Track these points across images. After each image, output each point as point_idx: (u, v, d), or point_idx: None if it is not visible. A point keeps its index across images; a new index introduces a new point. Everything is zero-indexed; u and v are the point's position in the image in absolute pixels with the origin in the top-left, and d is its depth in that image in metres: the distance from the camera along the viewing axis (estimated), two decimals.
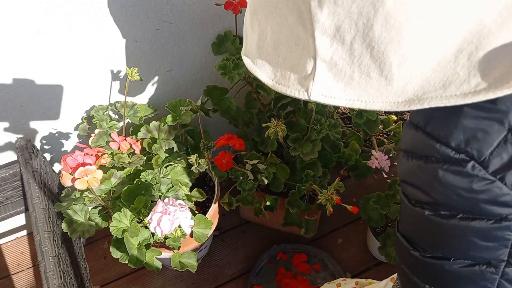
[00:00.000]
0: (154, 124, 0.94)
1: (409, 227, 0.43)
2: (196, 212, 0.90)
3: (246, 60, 0.43)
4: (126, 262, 0.79)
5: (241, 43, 0.93)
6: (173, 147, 0.94)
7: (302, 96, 0.37)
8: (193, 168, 0.87)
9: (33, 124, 0.92)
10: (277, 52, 0.38)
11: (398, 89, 0.33)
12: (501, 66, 0.30)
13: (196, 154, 0.88)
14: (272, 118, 0.87)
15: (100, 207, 0.88)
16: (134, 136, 0.93)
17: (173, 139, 0.94)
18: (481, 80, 0.30)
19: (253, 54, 0.42)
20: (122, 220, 0.79)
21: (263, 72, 0.41)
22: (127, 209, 0.80)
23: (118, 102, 0.96)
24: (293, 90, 0.38)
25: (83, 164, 0.71)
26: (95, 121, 0.91)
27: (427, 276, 0.42)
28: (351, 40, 0.32)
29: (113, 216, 0.78)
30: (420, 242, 0.41)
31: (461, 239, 0.37)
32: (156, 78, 0.97)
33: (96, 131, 0.90)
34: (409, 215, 0.42)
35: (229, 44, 0.93)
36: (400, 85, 0.33)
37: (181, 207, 0.75)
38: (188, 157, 0.88)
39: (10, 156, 0.98)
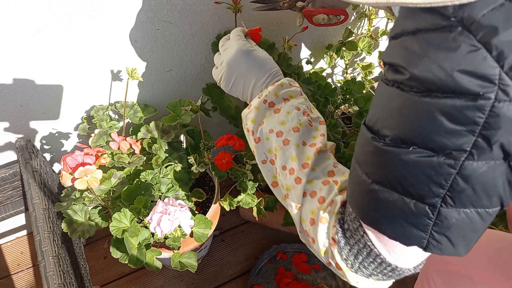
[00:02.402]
0: (154, 124, 0.94)
1: (378, 112, 0.41)
2: (196, 212, 0.90)
3: None
4: (126, 262, 0.79)
5: None
6: (173, 147, 0.94)
7: None
8: (193, 168, 0.87)
9: (33, 124, 0.92)
10: None
11: None
12: None
13: (196, 154, 0.88)
14: None
15: (100, 207, 0.88)
16: (134, 136, 0.93)
17: (173, 139, 0.94)
18: None
19: None
20: (122, 220, 0.79)
21: None
22: (127, 209, 0.80)
23: (118, 102, 0.97)
24: None
25: (83, 164, 0.71)
26: (95, 121, 0.91)
27: (378, 169, 0.40)
28: None
29: (113, 216, 0.78)
30: (384, 127, 0.40)
31: (428, 118, 0.35)
32: (156, 78, 0.97)
33: (96, 131, 0.90)
34: (382, 97, 0.41)
35: None
36: None
37: (181, 207, 0.75)
38: (188, 157, 0.88)
39: (10, 156, 0.98)
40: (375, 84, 1.35)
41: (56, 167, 1.07)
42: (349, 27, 1.12)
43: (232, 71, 0.68)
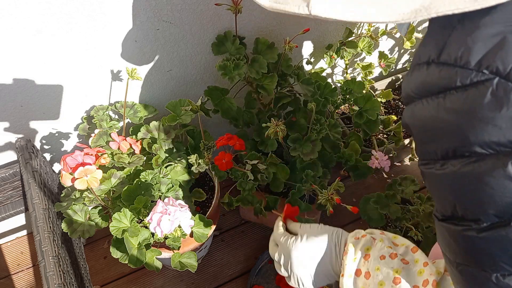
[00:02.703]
0: (154, 124, 0.94)
1: (448, 201, 0.37)
2: (196, 212, 0.90)
3: None
4: (126, 262, 0.79)
5: (241, 43, 0.93)
6: (173, 147, 0.94)
7: (303, 11, 0.35)
8: (193, 168, 0.87)
9: (33, 124, 0.92)
10: None
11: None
12: None
13: (196, 154, 0.88)
14: (272, 118, 0.87)
15: (100, 207, 0.88)
16: (134, 136, 0.93)
17: (173, 139, 0.94)
18: None
19: None
20: (122, 220, 0.79)
21: None
22: (127, 209, 0.80)
23: (118, 102, 0.97)
24: (293, 6, 0.36)
25: (83, 164, 0.71)
26: (95, 121, 0.91)
27: (493, 258, 0.35)
28: None
29: (113, 216, 0.78)
30: (468, 211, 0.35)
31: (507, 182, 0.31)
32: (156, 78, 0.97)
33: (96, 131, 0.90)
34: (441, 184, 0.37)
35: (229, 44, 0.93)
36: None
37: (181, 207, 0.75)
38: (188, 157, 0.89)
39: (10, 156, 0.98)
40: (375, 84, 1.35)
41: (56, 167, 1.07)
42: (349, 27, 1.12)
43: (307, 273, 0.65)
